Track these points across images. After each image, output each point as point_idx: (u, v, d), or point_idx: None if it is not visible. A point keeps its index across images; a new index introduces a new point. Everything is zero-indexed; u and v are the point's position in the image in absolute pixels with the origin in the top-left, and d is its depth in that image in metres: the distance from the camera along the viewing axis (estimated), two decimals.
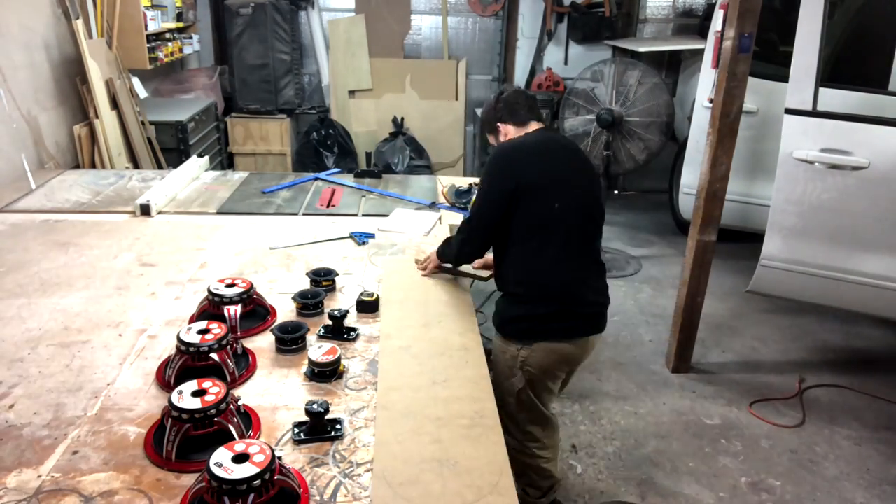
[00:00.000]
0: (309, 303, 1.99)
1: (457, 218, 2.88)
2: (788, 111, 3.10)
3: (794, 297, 3.41)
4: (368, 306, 2.02)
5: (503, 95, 2.29)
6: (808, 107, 3.05)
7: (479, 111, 5.99)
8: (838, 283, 3.18)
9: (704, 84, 4.21)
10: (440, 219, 2.85)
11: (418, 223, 2.77)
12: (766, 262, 3.29)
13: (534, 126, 2.23)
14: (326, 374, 1.67)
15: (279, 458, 1.27)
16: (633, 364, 3.63)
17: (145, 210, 2.83)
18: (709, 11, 5.62)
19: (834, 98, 3.23)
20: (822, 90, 3.04)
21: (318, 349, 1.69)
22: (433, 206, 3.00)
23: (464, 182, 3.16)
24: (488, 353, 3.53)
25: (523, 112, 2.23)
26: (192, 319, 1.91)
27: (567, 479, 2.77)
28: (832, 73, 3.74)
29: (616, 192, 6.42)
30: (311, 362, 1.68)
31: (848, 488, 2.77)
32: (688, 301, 3.39)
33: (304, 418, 1.48)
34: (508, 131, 2.24)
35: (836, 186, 3.06)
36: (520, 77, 6.32)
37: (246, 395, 1.61)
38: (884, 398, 3.36)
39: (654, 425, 3.13)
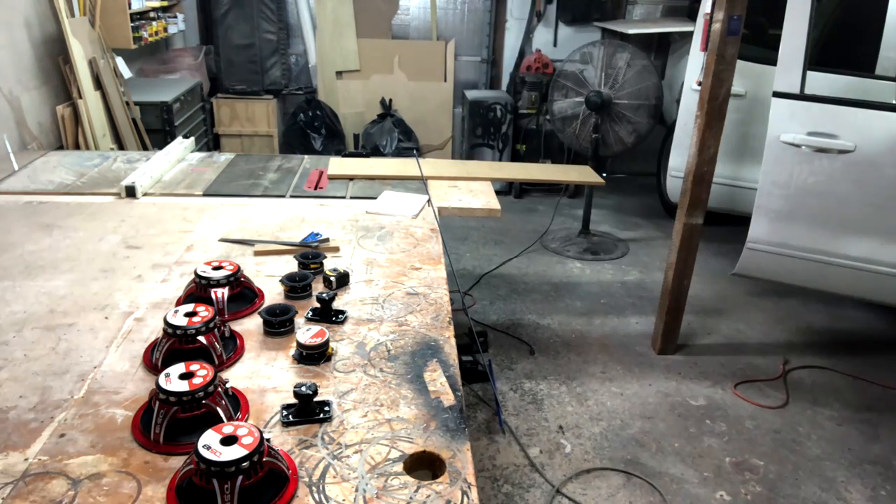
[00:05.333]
0: (297, 286, 1.98)
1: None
2: (776, 94, 3.11)
3: (780, 279, 3.44)
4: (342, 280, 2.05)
5: None
6: (796, 90, 3.06)
7: (467, 93, 5.96)
8: (823, 265, 3.21)
9: (693, 67, 4.20)
10: (429, 201, 2.84)
11: (407, 205, 2.77)
12: (753, 245, 3.31)
13: None
14: (315, 356, 1.67)
15: (268, 440, 1.27)
16: (620, 346, 3.66)
17: (130, 192, 2.80)
18: None
19: (821, 81, 3.23)
20: (809, 74, 3.05)
21: (306, 332, 1.69)
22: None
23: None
24: (481, 334, 3.57)
25: None
26: (179, 302, 1.90)
27: (554, 459, 2.80)
28: (820, 57, 3.74)
29: (604, 174, 6.41)
30: (300, 345, 1.68)
31: (830, 467, 2.82)
32: (674, 283, 3.41)
33: (293, 401, 1.49)
34: None
35: (822, 170, 3.08)
36: (509, 59, 6.27)
37: (234, 377, 1.61)
38: (866, 379, 3.41)
39: (640, 406, 3.16)
